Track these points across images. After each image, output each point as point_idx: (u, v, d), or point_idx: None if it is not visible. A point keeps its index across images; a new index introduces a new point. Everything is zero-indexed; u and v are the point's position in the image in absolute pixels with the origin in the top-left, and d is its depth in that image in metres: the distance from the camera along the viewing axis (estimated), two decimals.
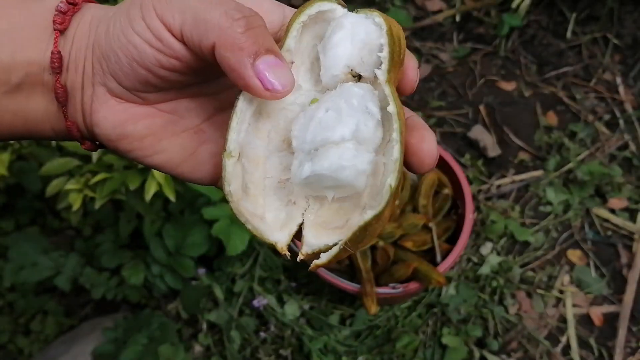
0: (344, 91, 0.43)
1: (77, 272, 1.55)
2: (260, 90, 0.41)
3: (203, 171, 0.49)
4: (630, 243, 1.67)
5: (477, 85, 1.97)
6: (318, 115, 0.42)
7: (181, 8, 0.41)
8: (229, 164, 0.43)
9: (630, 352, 1.53)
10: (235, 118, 0.43)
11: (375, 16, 0.44)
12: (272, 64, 0.41)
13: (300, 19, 0.45)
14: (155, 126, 0.47)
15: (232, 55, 0.40)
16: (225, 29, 0.40)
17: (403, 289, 1.34)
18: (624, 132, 1.85)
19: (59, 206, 1.19)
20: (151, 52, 0.42)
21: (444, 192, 1.47)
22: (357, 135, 0.41)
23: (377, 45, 0.44)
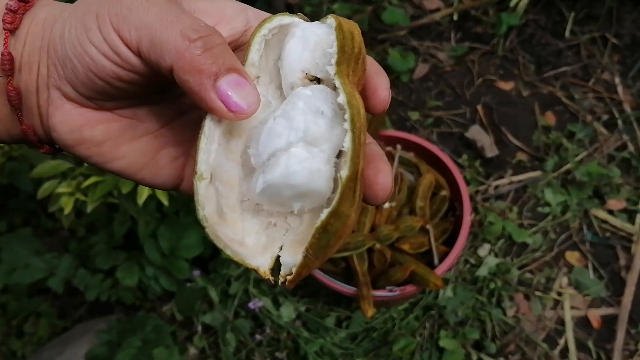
0: (294, 96, 0.41)
1: (71, 273, 1.54)
2: (225, 113, 0.39)
3: (164, 176, 0.47)
4: (628, 245, 1.66)
5: (475, 85, 1.95)
6: (267, 125, 0.40)
7: (137, 24, 0.39)
8: (201, 186, 0.40)
9: (629, 355, 1.51)
10: (204, 138, 0.41)
11: (329, 18, 0.43)
12: (234, 83, 0.39)
13: (261, 33, 0.43)
14: (114, 131, 0.45)
15: (191, 78, 0.38)
16: (182, 51, 0.38)
17: (400, 292, 1.33)
18: (622, 132, 1.84)
19: (50, 209, 1.18)
20: (108, 65, 0.41)
21: (441, 193, 1.46)
22: (306, 136, 0.39)
23: (331, 50, 0.42)
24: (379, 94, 0.44)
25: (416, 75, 1.98)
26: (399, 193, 1.43)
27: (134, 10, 0.40)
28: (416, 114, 1.89)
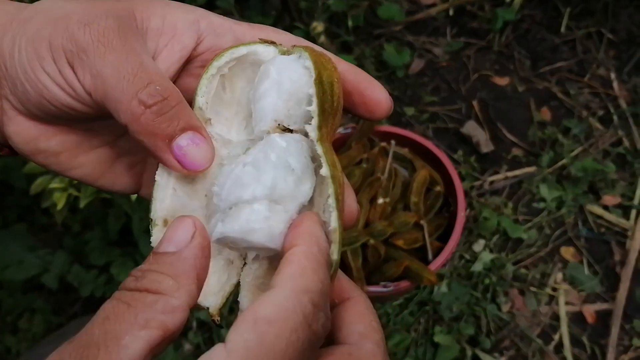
0: (267, 144, 0.41)
1: (65, 269, 1.53)
2: (180, 170, 0.40)
3: (123, 183, 0.48)
4: (623, 240, 1.66)
5: (471, 80, 1.95)
6: (235, 171, 0.40)
7: (93, 71, 0.39)
8: (154, 232, 0.42)
9: (623, 350, 1.52)
10: (157, 187, 0.42)
11: (306, 58, 0.41)
12: (189, 142, 0.40)
13: (209, 73, 0.43)
14: (70, 143, 0.46)
15: (146, 140, 0.39)
16: (137, 116, 0.38)
17: (394, 287, 1.32)
18: (617, 128, 1.84)
19: (44, 204, 1.17)
20: (63, 97, 0.40)
21: (435, 189, 1.45)
22: (273, 192, 0.39)
23: (305, 95, 0.41)
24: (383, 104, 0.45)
25: (412, 70, 1.97)
26: (393, 189, 1.43)
27: (90, 54, 0.39)
28: (412, 109, 1.89)
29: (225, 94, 0.46)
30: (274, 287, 0.34)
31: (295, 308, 0.33)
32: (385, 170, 1.43)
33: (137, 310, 0.33)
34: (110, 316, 0.33)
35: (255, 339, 0.32)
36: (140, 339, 0.32)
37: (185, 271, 0.36)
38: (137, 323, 0.32)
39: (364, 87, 0.45)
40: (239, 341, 0.32)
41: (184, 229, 0.37)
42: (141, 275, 0.35)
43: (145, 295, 0.34)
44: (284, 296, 0.34)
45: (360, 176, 1.39)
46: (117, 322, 0.32)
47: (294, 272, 0.35)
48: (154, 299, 0.34)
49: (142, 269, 0.36)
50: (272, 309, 0.33)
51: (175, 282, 0.35)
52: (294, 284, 0.34)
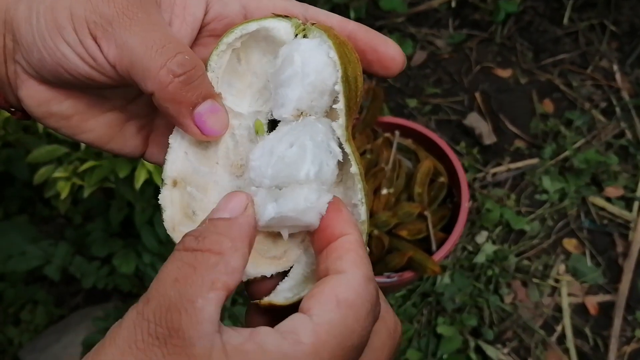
0: (307, 126, 0.42)
1: (67, 261, 1.53)
2: (199, 136, 0.43)
3: (131, 146, 0.49)
4: (626, 232, 1.66)
5: (473, 72, 1.94)
6: (280, 149, 0.41)
7: (119, 42, 0.40)
8: (163, 191, 0.44)
9: (626, 342, 1.52)
10: (170, 150, 0.44)
11: (330, 47, 0.42)
12: (209, 110, 0.42)
13: (219, 49, 0.44)
14: (81, 106, 0.46)
15: (171, 107, 0.41)
16: (166, 84, 0.40)
17: (398, 278, 1.32)
18: (620, 120, 1.84)
19: (47, 194, 1.17)
20: (82, 66, 0.41)
21: (439, 180, 1.45)
22: (319, 175, 0.41)
23: (330, 88, 0.42)
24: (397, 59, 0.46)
25: (414, 62, 1.97)
26: (397, 179, 1.43)
27: (115, 26, 0.40)
28: (414, 101, 1.88)
29: (241, 65, 0.47)
30: (344, 272, 0.37)
31: (367, 295, 0.37)
32: (389, 161, 1.42)
33: (202, 272, 0.34)
34: (180, 278, 0.34)
35: (338, 319, 0.35)
36: (211, 300, 0.34)
37: (241, 235, 0.37)
38: (204, 285, 0.34)
39: (377, 44, 0.45)
40: (325, 318, 0.35)
41: (238, 200, 0.39)
42: (200, 236, 0.36)
43: (208, 257, 0.35)
44: (358, 282, 0.37)
45: (364, 167, 1.38)
46: (187, 284, 0.34)
47: (356, 260, 0.38)
48: (215, 260, 0.35)
49: (200, 230, 0.37)
50: (350, 293, 0.36)
51: (233, 244, 0.36)
52: (361, 271, 0.38)
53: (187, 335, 0.33)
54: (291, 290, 0.42)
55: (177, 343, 0.32)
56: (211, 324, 0.33)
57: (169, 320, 0.33)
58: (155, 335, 0.33)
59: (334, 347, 0.34)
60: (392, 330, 0.42)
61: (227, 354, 0.33)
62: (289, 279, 0.43)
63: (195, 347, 0.33)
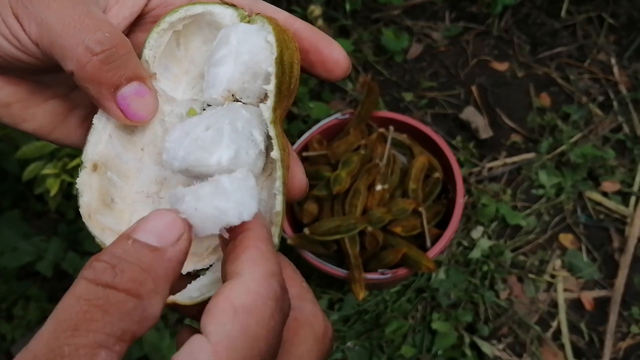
0: (231, 111, 0.40)
1: (60, 257, 1.52)
2: (122, 119, 0.40)
3: (76, 136, 0.47)
4: (622, 227, 1.65)
5: (470, 66, 1.93)
6: (196, 131, 0.39)
7: (38, 20, 0.38)
8: (81, 175, 0.41)
9: (621, 337, 1.51)
10: (92, 131, 0.42)
11: (269, 32, 0.40)
12: (134, 93, 0.40)
13: (160, 27, 0.43)
14: (21, 94, 0.44)
15: (91, 87, 0.39)
16: (84, 63, 0.38)
17: (392, 274, 1.31)
18: (617, 114, 1.82)
19: (36, 190, 1.16)
20: (8, 47, 0.40)
21: (434, 175, 1.44)
22: (236, 162, 0.38)
23: (263, 71, 0.41)
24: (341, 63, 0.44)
25: (410, 55, 1.95)
26: (392, 175, 1.41)
27: (34, 3, 0.38)
28: (410, 94, 1.87)
29: (179, 50, 0.45)
30: (240, 273, 0.33)
31: (268, 294, 0.33)
32: (383, 156, 1.41)
33: (114, 319, 0.29)
34: (82, 325, 0.28)
35: (238, 329, 0.31)
36: (115, 353, 0.29)
37: (166, 275, 0.32)
38: (113, 335, 0.29)
39: (322, 46, 0.44)
40: (222, 332, 0.31)
41: (173, 225, 0.34)
42: (118, 266, 0.31)
43: (125, 299, 0.30)
44: (256, 283, 0.33)
45: (358, 162, 1.37)
46: (91, 332, 0.28)
47: (255, 257, 0.34)
48: (132, 306, 0.30)
49: (119, 256, 0.31)
50: (248, 297, 0.32)
51: (154, 286, 0.31)
52: (260, 268, 0.34)
53: None
54: (200, 289, 0.39)
55: None
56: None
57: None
58: None
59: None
60: (321, 335, 0.39)
61: None
62: (202, 278, 0.40)
63: None
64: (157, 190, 0.44)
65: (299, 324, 0.38)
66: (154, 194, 0.44)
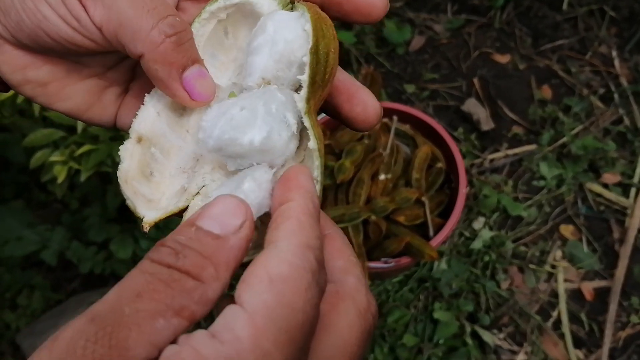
0: (266, 93, 0.41)
1: (64, 246, 1.52)
2: (187, 100, 0.42)
3: (109, 115, 0.48)
4: (622, 218, 1.66)
5: (471, 58, 1.94)
6: (231, 111, 0.40)
7: (106, 3, 0.39)
8: (126, 144, 0.43)
9: (621, 327, 1.53)
10: (143, 108, 0.44)
11: (307, 20, 0.40)
12: (198, 75, 0.41)
13: (202, 17, 0.44)
14: (59, 72, 0.45)
15: (161, 68, 0.40)
16: (157, 44, 0.39)
17: (395, 263, 1.32)
18: (618, 106, 1.83)
19: (43, 178, 1.16)
20: (65, 29, 0.40)
21: (437, 165, 1.45)
22: (268, 143, 0.39)
23: (297, 59, 0.41)
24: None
25: (412, 47, 1.96)
26: (395, 165, 1.42)
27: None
28: (412, 86, 1.88)
29: (228, 39, 0.46)
30: (276, 242, 0.33)
31: (304, 265, 0.32)
32: (387, 146, 1.42)
33: (174, 292, 0.30)
34: (144, 293, 0.30)
35: (274, 298, 0.31)
36: (172, 326, 0.29)
37: (228, 262, 0.33)
38: (172, 307, 0.30)
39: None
40: (258, 302, 0.30)
41: (236, 212, 0.34)
42: (182, 252, 0.32)
43: (186, 279, 0.31)
44: (292, 252, 0.32)
45: (361, 152, 1.38)
46: (153, 301, 0.29)
47: (294, 228, 0.34)
48: (193, 286, 0.31)
49: (182, 243, 0.32)
50: (283, 266, 0.32)
51: (216, 272, 0.32)
52: (297, 239, 0.33)
53: (132, 353, 0.28)
54: None
55: None
56: (159, 350, 0.29)
57: (114, 338, 0.28)
58: (92, 357, 0.28)
59: (275, 332, 0.30)
60: (364, 310, 0.37)
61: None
62: None
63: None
64: (193, 165, 0.45)
65: (340, 297, 0.37)
66: (190, 169, 0.45)
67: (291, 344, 0.30)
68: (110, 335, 0.28)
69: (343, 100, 0.45)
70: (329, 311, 0.36)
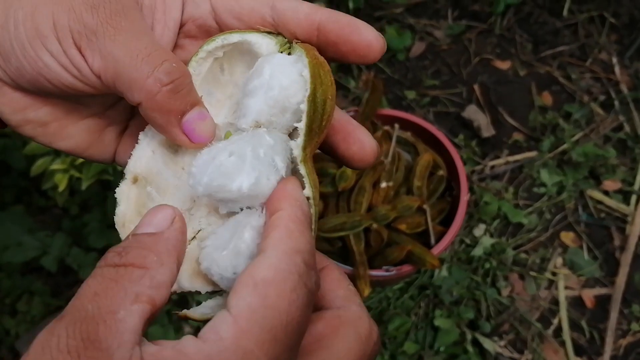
0: (254, 137, 0.41)
1: (64, 252, 1.52)
2: (187, 144, 0.42)
3: (110, 152, 0.48)
4: (623, 225, 1.66)
5: (472, 64, 1.94)
6: (220, 158, 0.40)
7: (103, 53, 0.39)
8: (122, 185, 0.43)
9: (622, 335, 1.53)
10: (138, 146, 0.44)
11: (305, 66, 0.40)
12: (197, 118, 0.41)
13: (198, 56, 0.44)
14: (59, 113, 0.45)
15: (159, 116, 0.40)
16: (154, 94, 0.39)
17: (397, 271, 1.32)
18: (619, 113, 1.83)
19: (44, 186, 1.16)
20: (66, 77, 0.40)
21: (438, 173, 1.45)
22: (256, 188, 0.39)
23: (292, 105, 0.41)
24: (374, 45, 0.43)
25: (412, 53, 1.96)
26: (397, 172, 1.42)
27: (99, 36, 0.39)
28: (412, 93, 1.88)
29: (224, 75, 0.46)
30: (265, 251, 0.35)
31: (290, 268, 0.34)
32: (388, 154, 1.42)
33: (125, 285, 0.33)
34: (100, 292, 0.32)
35: (258, 301, 0.33)
36: (134, 312, 0.32)
37: (167, 250, 0.36)
38: (127, 297, 0.32)
39: (349, 32, 0.42)
40: (242, 305, 0.33)
41: (164, 214, 0.38)
42: (124, 251, 0.35)
43: (131, 270, 0.34)
44: (278, 258, 0.34)
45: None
46: (108, 297, 0.32)
47: (282, 235, 0.36)
48: (140, 274, 0.34)
49: (123, 246, 0.35)
50: (269, 271, 0.34)
51: (159, 259, 0.35)
52: (284, 245, 0.35)
53: (105, 345, 0.30)
54: (212, 308, 0.41)
55: (92, 355, 0.30)
56: (132, 334, 0.31)
57: (84, 332, 0.31)
58: (67, 350, 0.30)
59: (258, 332, 0.32)
60: (365, 336, 0.39)
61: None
62: (218, 298, 0.42)
63: (113, 357, 0.30)
64: (190, 207, 0.45)
65: (342, 322, 0.39)
66: (187, 210, 0.44)
67: (274, 343, 0.32)
68: (80, 329, 0.31)
69: (339, 140, 0.45)
70: (329, 334, 0.38)
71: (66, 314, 0.32)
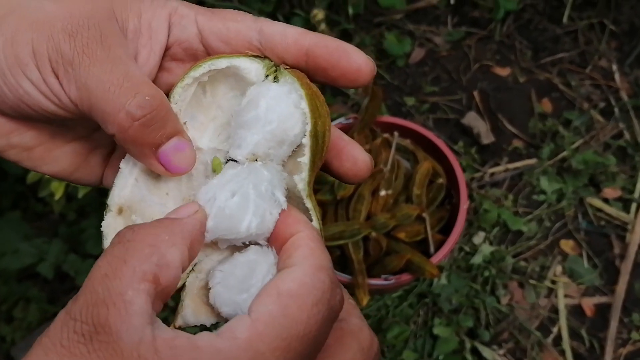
0: (252, 173, 0.41)
1: (61, 259, 1.51)
2: (164, 173, 0.41)
3: (97, 175, 0.48)
4: (623, 233, 1.65)
5: (472, 71, 1.93)
6: (221, 198, 0.40)
7: (78, 83, 0.38)
8: (107, 217, 0.42)
9: (622, 344, 1.52)
10: (120, 175, 0.43)
11: (301, 97, 0.40)
12: (174, 148, 0.40)
13: (184, 82, 0.43)
14: (43, 137, 0.44)
15: (132, 148, 0.39)
16: (125, 128, 0.38)
17: (395, 280, 1.32)
18: (618, 120, 1.83)
19: (40, 194, 1.15)
20: (46, 104, 0.40)
21: (438, 181, 1.44)
22: (261, 226, 0.39)
23: (290, 139, 0.41)
24: (363, 69, 0.43)
25: (412, 59, 1.95)
26: (396, 180, 1.41)
27: (75, 67, 0.38)
28: (412, 99, 1.87)
29: (206, 97, 0.45)
30: (290, 267, 0.36)
31: (315, 284, 0.35)
32: (387, 161, 1.41)
33: (133, 263, 0.33)
34: (109, 273, 0.33)
35: (278, 310, 0.33)
36: (142, 291, 0.32)
37: (182, 233, 0.36)
38: (135, 277, 0.33)
39: (339, 57, 0.42)
40: (263, 311, 0.33)
41: (189, 206, 0.39)
42: (137, 228, 0.35)
43: (142, 247, 0.34)
44: (304, 272, 0.35)
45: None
46: (117, 278, 0.32)
47: (306, 253, 0.37)
48: (149, 252, 0.34)
49: (140, 224, 0.36)
50: (293, 283, 0.35)
51: (171, 239, 0.35)
52: (309, 262, 0.36)
53: (114, 329, 0.31)
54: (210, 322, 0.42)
55: (103, 339, 0.31)
56: (141, 316, 0.32)
57: (95, 315, 0.31)
58: (81, 332, 0.31)
59: (272, 338, 0.33)
60: (366, 348, 0.40)
61: (157, 349, 0.31)
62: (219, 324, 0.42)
63: (122, 341, 0.31)
64: None
65: (345, 333, 0.39)
66: None
67: (288, 351, 0.33)
68: (92, 314, 0.31)
69: (332, 156, 0.45)
70: (334, 343, 0.39)
71: (79, 296, 0.33)
